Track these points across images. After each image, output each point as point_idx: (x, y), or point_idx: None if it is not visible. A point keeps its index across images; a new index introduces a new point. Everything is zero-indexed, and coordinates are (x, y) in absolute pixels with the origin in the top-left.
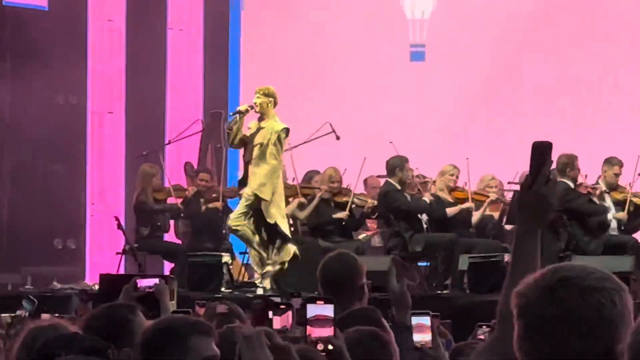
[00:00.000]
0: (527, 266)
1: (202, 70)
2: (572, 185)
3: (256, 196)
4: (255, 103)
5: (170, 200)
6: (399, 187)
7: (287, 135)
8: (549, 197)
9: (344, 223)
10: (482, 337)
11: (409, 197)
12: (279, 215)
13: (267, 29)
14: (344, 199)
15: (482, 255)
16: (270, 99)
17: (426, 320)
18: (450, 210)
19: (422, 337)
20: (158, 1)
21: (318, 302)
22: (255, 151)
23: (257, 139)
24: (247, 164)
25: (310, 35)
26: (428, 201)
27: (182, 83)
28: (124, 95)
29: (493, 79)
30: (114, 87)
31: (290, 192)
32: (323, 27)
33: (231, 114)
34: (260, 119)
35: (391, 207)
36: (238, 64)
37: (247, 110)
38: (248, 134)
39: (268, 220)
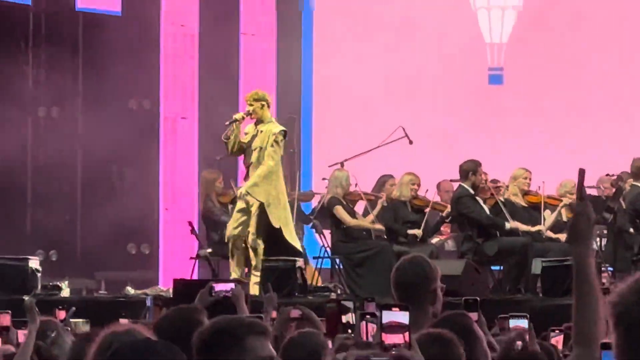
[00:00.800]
0: (592, 286)
1: (275, 74)
2: None
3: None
4: (248, 111)
5: None
6: (472, 192)
7: (284, 137)
8: (588, 214)
9: (418, 239)
10: (554, 342)
11: (481, 202)
12: (285, 221)
13: (339, 33)
14: (422, 203)
15: (556, 259)
16: (262, 102)
17: (524, 323)
18: (513, 224)
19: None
20: (231, 6)
21: (393, 308)
22: (254, 155)
23: (256, 143)
24: (248, 169)
25: (383, 53)
26: (487, 211)
27: (255, 87)
28: (197, 100)
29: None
30: (187, 92)
31: (353, 197)
32: (397, 44)
33: (226, 123)
34: (258, 123)
35: (463, 213)
36: (311, 68)
37: (243, 118)
38: (246, 140)
39: (273, 224)
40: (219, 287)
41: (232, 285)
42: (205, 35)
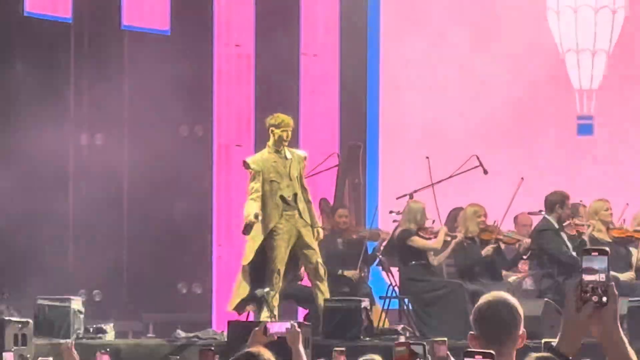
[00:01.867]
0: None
1: (338, 98)
2: None
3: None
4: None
5: None
6: (556, 226)
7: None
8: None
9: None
10: None
11: (565, 237)
12: None
13: (408, 56)
14: (492, 236)
15: None
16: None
17: None
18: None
19: None
20: (290, 24)
21: (477, 356)
22: (296, 184)
23: (294, 171)
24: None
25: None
26: (571, 248)
27: (316, 113)
28: (253, 126)
29: None
30: (242, 118)
31: (427, 235)
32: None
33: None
34: (280, 149)
35: (545, 248)
36: (377, 92)
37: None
38: (272, 173)
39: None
40: (274, 327)
41: (287, 325)
42: (262, 56)
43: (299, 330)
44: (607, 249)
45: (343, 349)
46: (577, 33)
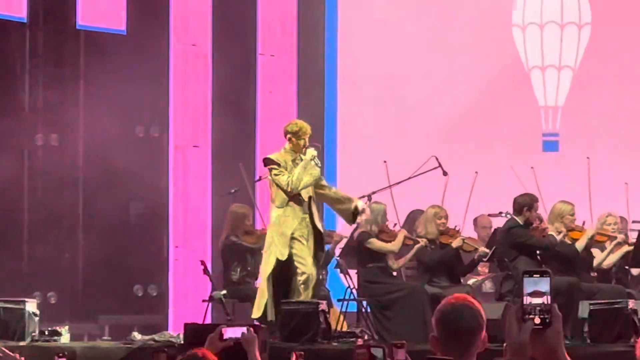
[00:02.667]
0: None
1: (296, 98)
2: None
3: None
4: (299, 144)
5: None
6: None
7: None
8: None
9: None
10: None
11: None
12: None
13: (365, 51)
14: (450, 240)
15: (605, 301)
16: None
17: None
18: (580, 245)
19: None
20: (247, 24)
21: None
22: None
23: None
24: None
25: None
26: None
27: (274, 113)
28: (210, 127)
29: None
30: (199, 118)
31: (387, 238)
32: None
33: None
34: (295, 158)
35: (515, 244)
36: (335, 92)
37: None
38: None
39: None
40: (229, 332)
41: (243, 329)
42: (219, 56)
43: (254, 335)
44: (549, 270)
45: (301, 353)
46: (542, 49)
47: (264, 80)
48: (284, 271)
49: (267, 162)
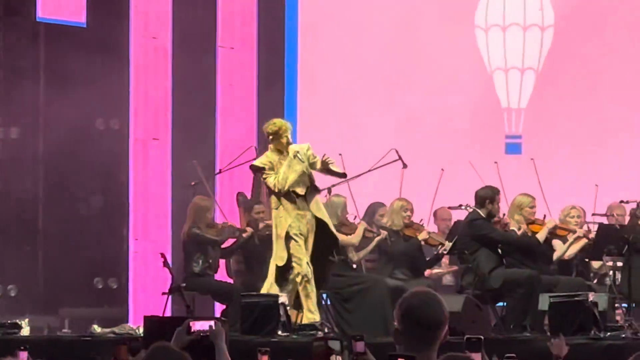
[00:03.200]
0: None
1: (256, 91)
2: None
3: None
4: (282, 142)
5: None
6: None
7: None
8: None
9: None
10: None
11: None
12: None
13: (326, 44)
14: (415, 233)
15: (565, 294)
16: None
17: None
18: (541, 236)
19: None
20: (207, 17)
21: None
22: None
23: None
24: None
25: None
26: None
27: (234, 106)
28: (171, 119)
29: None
30: (160, 111)
31: (347, 231)
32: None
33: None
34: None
35: (476, 236)
36: (295, 84)
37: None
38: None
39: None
40: (197, 325)
41: (211, 323)
42: (179, 49)
43: (222, 328)
44: (414, 355)
45: (267, 348)
46: (505, 51)
47: (224, 72)
48: (288, 272)
49: (253, 169)
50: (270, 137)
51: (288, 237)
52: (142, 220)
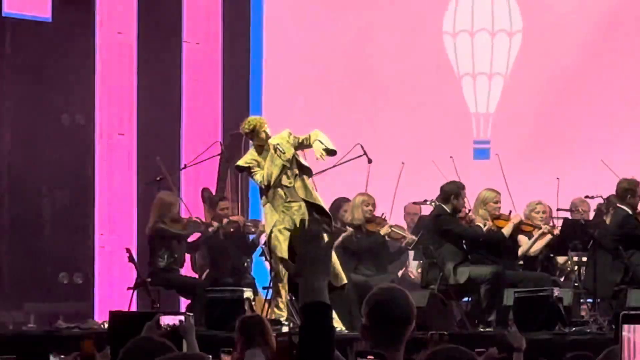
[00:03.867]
0: None
1: (221, 87)
2: (630, 212)
3: None
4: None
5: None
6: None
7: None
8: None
9: None
10: None
11: None
12: None
13: (291, 41)
14: (377, 228)
15: (530, 289)
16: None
17: None
18: (506, 231)
19: None
20: (172, 12)
21: (369, 357)
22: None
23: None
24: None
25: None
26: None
27: (199, 101)
28: (136, 115)
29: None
30: (125, 106)
31: None
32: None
33: None
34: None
35: (442, 231)
36: (260, 80)
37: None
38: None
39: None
40: (166, 320)
41: (180, 317)
42: (144, 44)
43: (192, 323)
44: (383, 353)
45: (230, 349)
46: (473, 57)
47: (188, 68)
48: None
49: (238, 169)
50: (249, 136)
51: (279, 232)
52: (108, 215)
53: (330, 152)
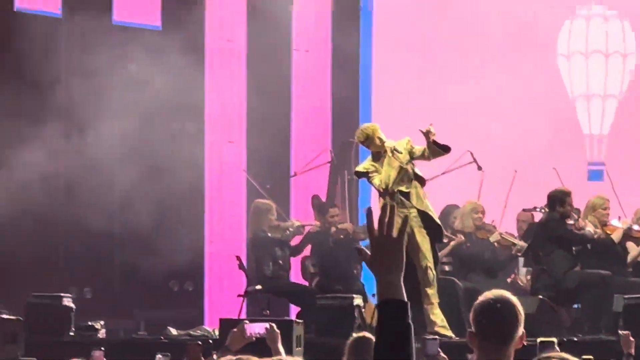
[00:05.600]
0: None
1: (330, 95)
2: None
3: None
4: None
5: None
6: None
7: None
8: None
9: None
10: None
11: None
12: None
13: (401, 47)
14: (487, 235)
15: None
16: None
17: None
18: (616, 237)
19: None
20: (282, 20)
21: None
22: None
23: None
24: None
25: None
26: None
27: (309, 109)
28: (245, 122)
29: None
30: (234, 114)
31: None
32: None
33: None
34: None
35: (550, 237)
36: (369, 87)
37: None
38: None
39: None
40: (252, 328)
41: (266, 325)
42: (254, 52)
43: (278, 331)
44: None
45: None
46: (587, 78)
47: (298, 75)
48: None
49: (357, 174)
50: (364, 144)
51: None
52: (218, 223)
53: (445, 148)
